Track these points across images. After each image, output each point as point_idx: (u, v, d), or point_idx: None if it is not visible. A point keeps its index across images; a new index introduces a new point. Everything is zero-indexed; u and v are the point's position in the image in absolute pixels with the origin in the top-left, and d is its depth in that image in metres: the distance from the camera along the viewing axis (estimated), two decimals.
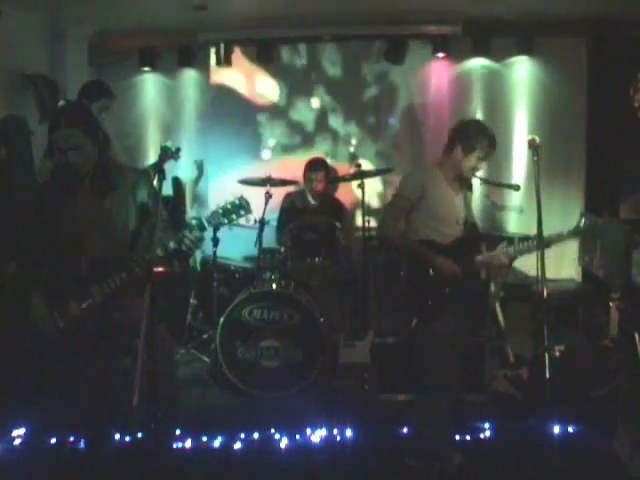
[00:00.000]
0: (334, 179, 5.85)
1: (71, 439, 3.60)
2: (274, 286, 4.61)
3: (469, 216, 3.67)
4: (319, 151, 6.15)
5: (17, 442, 3.64)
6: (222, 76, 6.31)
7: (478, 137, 3.49)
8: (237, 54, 6.22)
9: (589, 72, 5.90)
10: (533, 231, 3.33)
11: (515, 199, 5.86)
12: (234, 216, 2.92)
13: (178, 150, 4.67)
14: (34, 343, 3.14)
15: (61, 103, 4.08)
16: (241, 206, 2.90)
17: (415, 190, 3.53)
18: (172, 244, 2.91)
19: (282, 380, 4.40)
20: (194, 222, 2.95)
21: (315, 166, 5.50)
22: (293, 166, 5.90)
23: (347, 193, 5.93)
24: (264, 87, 6.32)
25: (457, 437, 3.68)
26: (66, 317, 3.00)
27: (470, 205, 3.72)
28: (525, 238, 3.55)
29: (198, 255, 5.62)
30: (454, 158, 3.55)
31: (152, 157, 6.06)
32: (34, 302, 3.04)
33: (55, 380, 3.16)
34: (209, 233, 4.68)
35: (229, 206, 2.91)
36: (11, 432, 3.67)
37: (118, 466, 3.36)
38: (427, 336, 3.48)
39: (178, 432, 3.55)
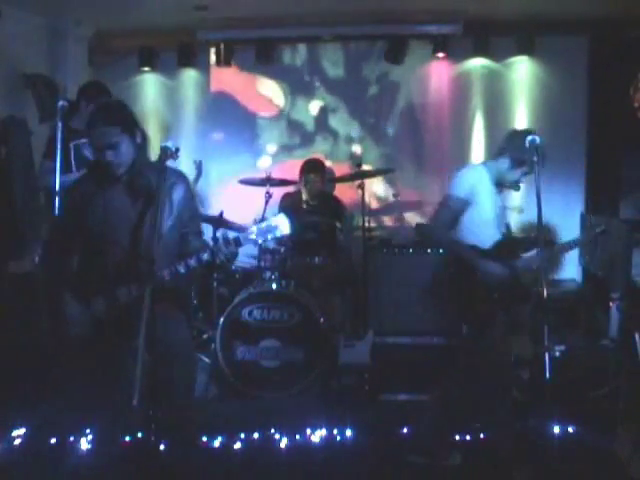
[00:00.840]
0: (334, 179, 5.85)
1: (71, 439, 3.59)
2: (274, 286, 4.61)
3: (506, 219, 3.62)
4: (319, 151, 6.16)
5: (17, 442, 3.64)
6: (222, 77, 6.31)
7: (529, 153, 3.31)
8: (237, 54, 6.23)
9: (589, 72, 5.90)
10: (533, 231, 3.33)
11: (515, 199, 5.86)
12: (269, 236, 2.86)
13: (177, 150, 4.65)
14: (67, 343, 3.06)
15: (61, 103, 4.06)
16: (276, 227, 2.84)
17: (466, 190, 3.44)
18: (206, 256, 2.85)
19: (282, 380, 4.39)
20: (231, 237, 2.89)
21: (311, 168, 5.48)
22: (293, 166, 5.90)
23: (347, 193, 5.92)
24: (264, 87, 6.32)
25: (457, 437, 3.69)
26: (92, 317, 2.95)
27: (504, 207, 3.62)
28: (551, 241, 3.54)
29: None
30: (500, 165, 3.47)
31: (152, 157, 6.05)
32: (67, 302, 2.96)
33: (84, 379, 3.11)
34: (209, 233, 4.68)
35: (264, 226, 2.85)
36: (11, 432, 3.67)
37: (118, 466, 3.36)
38: (481, 342, 3.40)
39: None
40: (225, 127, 6.30)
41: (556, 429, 3.12)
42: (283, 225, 2.88)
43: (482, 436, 3.71)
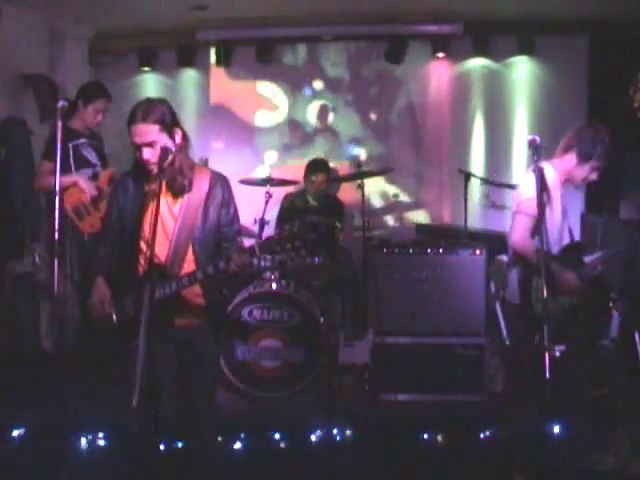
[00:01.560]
0: (334, 179, 5.84)
1: (71, 439, 3.59)
2: (274, 286, 4.61)
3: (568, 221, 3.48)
4: (319, 151, 6.16)
5: (17, 442, 3.64)
6: (222, 77, 6.31)
7: (596, 145, 3.31)
8: (237, 54, 6.23)
9: (589, 72, 5.90)
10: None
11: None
12: (289, 246, 2.84)
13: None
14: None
15: (61, 103, 4.05)
16: (301, 245, 2.81)
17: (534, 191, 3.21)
18: (222, 264, 2.78)
19: (282, 380, 4.39)
20: (246, 245, 2.84)
21: (316, 168, 5.48)
22: (293, 166, 5.91)
23: (347, 193, 5.92)
24: (264, 87, 6.32)
25: (457, 437, 3.69)
26: (121, 313, 2.91)
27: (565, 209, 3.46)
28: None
29: None
30: (568, 162, 3.38)
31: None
32: (97, 282, 2.94)
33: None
34: None
35: (287, 235, 2.84)
36: (11, 432, 3.67)
37: (119, 466, 3.37)
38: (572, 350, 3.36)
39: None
40: (225, 127, 6.30)
41: (556, 429, 3.12)
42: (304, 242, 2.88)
43: (482, 436, 3.71)
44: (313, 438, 3.75)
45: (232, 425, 3.82)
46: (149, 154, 2.84)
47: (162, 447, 3.38)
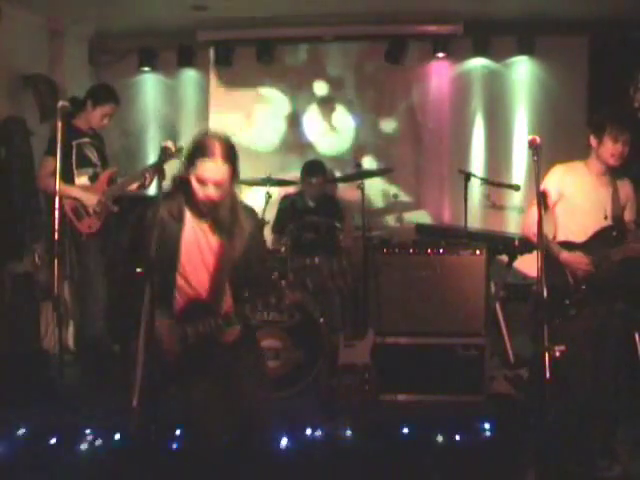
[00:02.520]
0: (334, 179, 5.85)
1: (71, 439, 3.60)
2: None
3: (616, 209, 3.57)
4: (319, 151, 6.16)
5: (18, 442, 3.64)
6: (222, 77, 6.31)
7: (605, 117, 3.48)
8: (237, 54, 6.23)
9: (589, 72, 5.90)
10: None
11: (515, 199, 5.87)
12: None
13: (181, 149, 4.57)
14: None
15: (61, 103, 4.05)
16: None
17: (554, 185, 3.56)
18: (272, 299, 2.75)
19: (282, 380, 4.39)
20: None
21: (313, 170, 5.47)
22: (293, 166, 5.91)
23: (347, 193, 5.92)
24: (264, 87, 6.32)
25: (457, 437, 3.69)
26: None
27: (618, 199, 3.59)
28: None
29: None
30: (594, 150, 3.55)
31: (152, 157, 6.07)
32: (160, 325, 2.74)
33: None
34: None
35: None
36: (11, 432, 3.67)
37: (118, 466, 3.37)
38: (567, 336, 3.41)
39: (178, 432, 3.55)
40: (225, 127, 6.29)
41: (556, 429, 3.12)
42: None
43: (482, 436, 3.71)
44: (313, 438, 3.75)
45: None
46: (214, 193, 2.74)
47: (162, 447, 3.38)
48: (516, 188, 5.06)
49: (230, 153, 2.78)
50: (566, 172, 3.60)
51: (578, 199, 3.53)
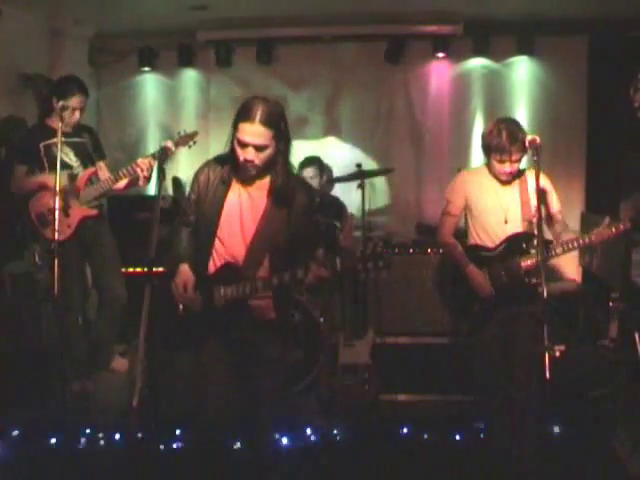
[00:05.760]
0: (334, 179, 5.84)
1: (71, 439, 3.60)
2: None
3: (526, 211, 3.41)
4: (319, 151, 6.15)
5: (19, 442, 3.64)
6: (222, 77, 6.31)
7: (491, 141, 3.39)
8: (237, 54, 6.23)
9: (589, 72, 5.90)
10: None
11: None
12: (371, 265, 2.75)
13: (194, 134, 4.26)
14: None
15: (61, 104, 4.04)
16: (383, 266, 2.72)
17: (458, 193, 3.58)
18: (300, 273, 2.70)
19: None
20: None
21: (306, 162, 5.42)
22: (292, 167, 5.89)
23: (347, 193, 5.92)
24: (264, 87, 6.31)
25: (457, 437, 3.69)
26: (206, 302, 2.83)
27: (528, 199, 3.42)
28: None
29: None
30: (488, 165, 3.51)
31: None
32: (181, 269, 2.80)
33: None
34: None
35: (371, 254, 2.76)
36: (11, 432, 3.67)
37: (118, 466, 3.37)
38: (475, 342, 3.44)
39: (178, 432, 3.55)
40: (225, 126, 6.28)
41: (556, 429, 3.12)
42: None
43: (482, 436, 3.71)
44: (313, 438, 3.75)
45: (232, 425, 3.83)
46: (254, 156, 2.71)
47: (162, 447, 3.39)
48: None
49: (272, 118, 2.71)
50: (469, 177, 3.63)
51: (480, 203, 3.48)
